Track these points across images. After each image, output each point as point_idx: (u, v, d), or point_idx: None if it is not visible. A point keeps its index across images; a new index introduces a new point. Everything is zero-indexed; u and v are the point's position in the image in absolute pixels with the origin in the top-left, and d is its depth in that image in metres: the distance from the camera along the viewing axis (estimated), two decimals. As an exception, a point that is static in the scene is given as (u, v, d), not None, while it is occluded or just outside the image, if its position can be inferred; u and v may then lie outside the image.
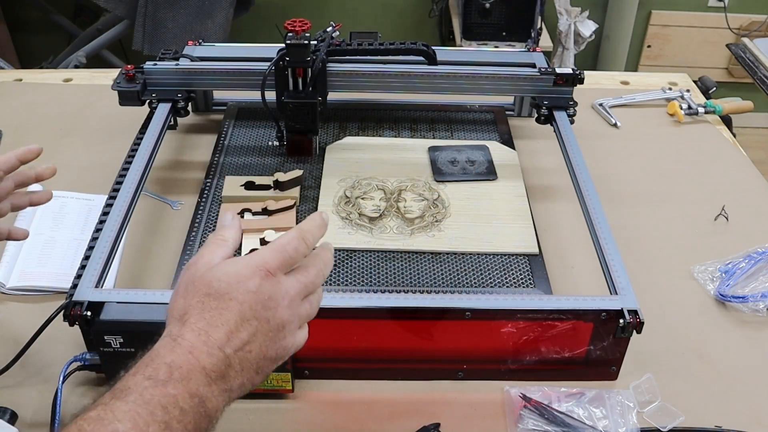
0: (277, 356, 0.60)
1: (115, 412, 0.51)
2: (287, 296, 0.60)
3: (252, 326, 0.57)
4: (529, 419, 0.81)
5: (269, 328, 0.58)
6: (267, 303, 0.58)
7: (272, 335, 0.59)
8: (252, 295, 0.58)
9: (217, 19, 2.23)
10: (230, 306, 0.57)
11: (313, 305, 0.64)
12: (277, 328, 0.59)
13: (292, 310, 0.60)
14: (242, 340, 0.57)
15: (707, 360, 0.91)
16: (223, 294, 0.57)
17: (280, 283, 0.60)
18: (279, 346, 0.60)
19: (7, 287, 0.97)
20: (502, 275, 0.97)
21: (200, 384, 0.54)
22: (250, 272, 0.59)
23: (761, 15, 2.84)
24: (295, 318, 0.61)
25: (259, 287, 0.58)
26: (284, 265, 0.61)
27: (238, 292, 0.58)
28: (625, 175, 1.24)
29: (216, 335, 0.56)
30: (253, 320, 0.58)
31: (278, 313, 0.59)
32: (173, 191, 1.16)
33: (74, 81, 1.49)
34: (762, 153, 2.99)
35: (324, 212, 0.67)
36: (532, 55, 1.30)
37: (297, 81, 1.13)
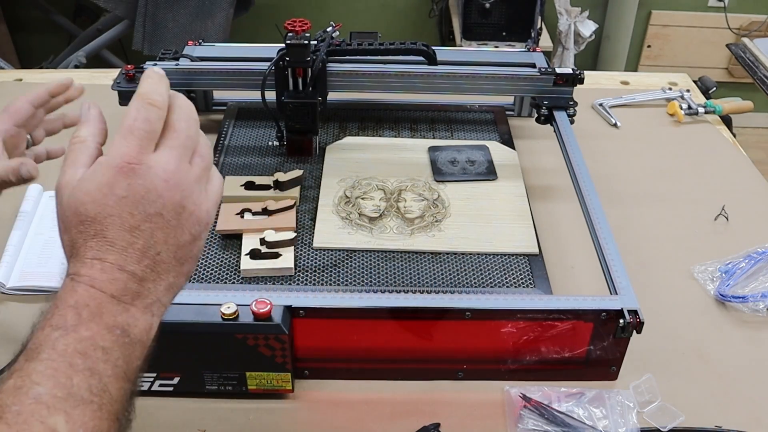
0: (194, 233, 0.53)
1: (32, 375, 0.46)
2: (168, 175, 0.51)
3: (145, 230, 0.50)
4: (529, 419, 0.81)
5: (165, 220, 0.51)
6: (147, 197, 0.50)
7: (175, 222, 0.52)
8: (126, 200, 0.50)
9: (217, 19, 2.23)
10: (110, 222, 0.50)
11: (204, 157, 0.55)
12: (176, 212, 0.52)
13: (181, 182, 0.52)
14: (140, 249, 0.50)
15: (707, 360, 0.91)
16: (95, 216, 0.50)
17: (152, 168, 0.51)
18: (192, 223, 0.53)
19: (7, 287, 0.97)
20: (502, 275, 0.97)
21: (115, 314, 0.49)
22: (111, 177, 0.50)
23: (761, 15, 2.84)
24: (191, 185, 0.53)
25: (129, 187, 0.50)
26: (144, 146, 0.51)
27: (109, 206, 0.50)
28: (625, 175, 1.24)
29: (111, 258, 0.49)
30: (143, 224, 0.50)
31: (167, 200, 0.51)
32: (173, 191, 1.15)
33: (74, 81, 1.48)
34: (762, 153, 2.99)
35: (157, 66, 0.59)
36: (532, 55, 1.30)
37: (297, 81, 1.13)
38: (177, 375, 0.82)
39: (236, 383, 0.83)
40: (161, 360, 0.80)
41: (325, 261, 0.99)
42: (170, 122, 0.53)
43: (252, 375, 0.82)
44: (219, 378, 0.82)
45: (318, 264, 0.98)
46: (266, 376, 0.82)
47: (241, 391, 0.83)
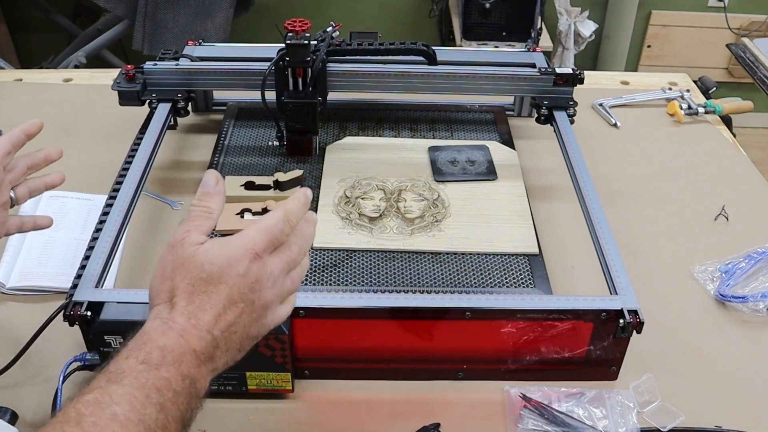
0: (259, 334, 0.62)
1: (112, 395, 0.53)
2: (272, 277, 0.61)
3: (238, 308, 0.59)
4: (529, 419, 0.81)
5: (253, 309, 0.60)
6: (253, 286, 0.60)
7: (256, 316, 0.61)
8: (240, 278, 0.59)
9: (217, 19, 2.23)
10: (220, 290, 0.59)
11: (294, 281, 0.64)
12: (261, 308, 0.61)
13: (275, 289, 0.62)
14: (228, 322, 0.59)
15: (707, 360, 0.91)
16: (214, 278, 0.59)
17: (266, 265, 0.61)
18: (261, 324, 0.62)
19: (7, 287, 0.97)
20: (502, 275, 0.97)
21: (191, 366, 0.56)
22: (240, 255, 0.60)
23: (761, 15, 2.84)
24: (278, 297, 0.62)
25: (248, 270, 0.60)
26: (269, 247, 0.61)
27: (228, 276, 0.59)
28: (625, 175, 1.24)
29: (205, 318, 0.58)
30: (240, 302, 0.59)
31: (263, 295, 0.61)
32: (173, 191, 1.16)
33: (74, 81, 1.49)
34: (762, 153, 2.99)
35: (308, 188, 0.67)
36: (532, 55, 1.30)
37: (297, 81, 1.13)
38: (177, 375, 0.82)
39: (236, 383, 0.83)
40: (161, 360, 0.80)
41: (325, 261, 0.99)
42: (290, 240, 0.64)
43: (252, 375, 0.82)
44: (219, 378, 0.81)
45: (318, 264, 0.98)
46: (266, 376, 0.82)
47: (241, 391, 0.83)
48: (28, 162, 0.85)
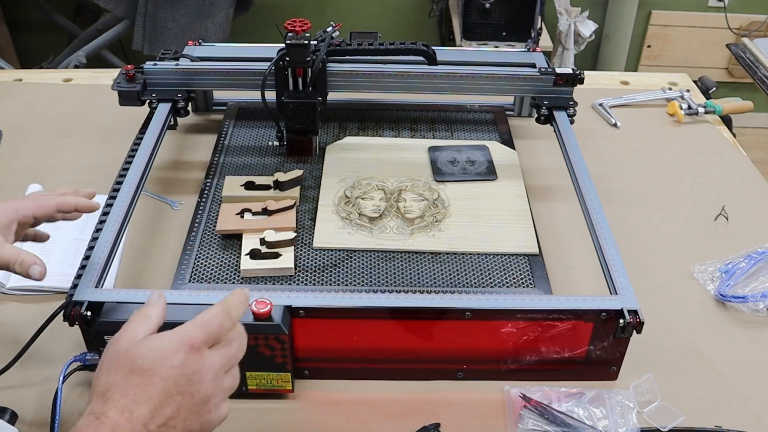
0: (201, 430, 0.60)
1: None
2: (211, 371, 0.60)
3: (176, 402, 0.57)
4: (529, 419, 0.81)
5: (193, 402, 0.59)
6: (191, 378, 0.59)
7: (197, 409, 0.59)
8: (176, 370, 0.58)
9: (217, 19, 2.22)
10: (154, 382, 0.57)
11: (235, 379, 0.64)
12: (202, 402, 0.59)
13: (216, 384, 0.61)
14: (166, 416, 0.57)
15: (707, 360, 0.91)
16: (147, 370, 0.57)
17: (204, 358, 0.60)
18: (203, 420, 0.60)
19: (7, 287, 0.97)
20: (502, 275, 0.97)
21: None
22: (175, 347, 0.59)
23: (761, 15, 2.84)
24: (219, 392, 0.61)
25: (184, 362, 0.59)
26: (208, 340, 0.61)
27: (162, 367, 0.58)
28: (625, 175, 1.24)
29: (140, 412, 0.56)
30: (178, 395, 0.58)
31: (203, 388, 0.59)
32: (173, 191, 1.16)
33: (74, 81, 1.49)
34: (762, 153, 2.99)
35: (247, 288, 0.68)
36: (532, 55, 1.30)
37: (297, 81, 1.13)
38: (177, 375, 0.82)
39: (236, 383, 0.83)
40: (161, 360, 0.80)
41: (325, 261, 0.99)
42: (229, 338, 0.64)
43: (252, 375, 0.82)
44: (219, 378, 0.82)
45: (318, 264, 0.98)
46: (266, 376, 0.82)
47: (241, 391, 0.83)
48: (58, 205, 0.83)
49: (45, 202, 0.81)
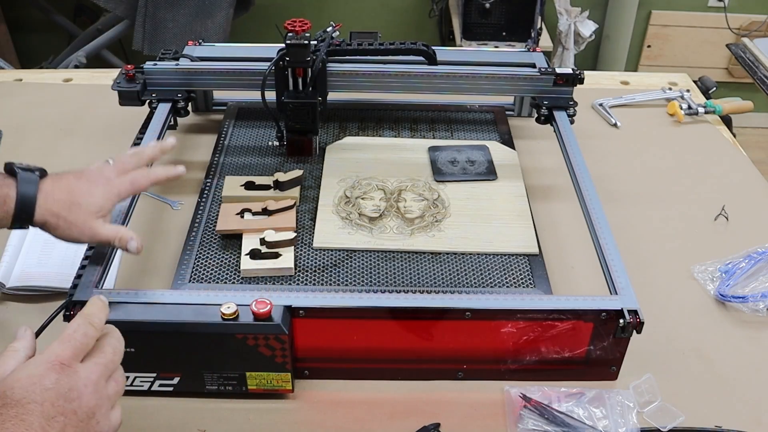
0: None
1: None
2: (89, 383, 0.59)
3: (59, 422, 0.55)
4: (529, 419, 0.81)
5: (78, 419, 0.57)
6: (69, 395, 0.57)
7: (83, 425, 0.57)
8: (51, 392, 0.56)
9: (217, 19, 2.22)
10: (30, 409, 0.55)
11: (119, 383, 0.63)
12: (87, 416, 0.58)
13: (99, 394, 0.59)
14: None
15: (707, 360, 0.91)
16: (19, 400, 0.55)
17: (78, 372, 0.59)
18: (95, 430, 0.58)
19: (7, 287, 0.97)
20: (502, 275, 0.97)
21: None
22: (43, 370, 0.57)
23: (761, 15, 2.84)
24: (104, 401, 0.60)
25: (57, 382, 0.57)
26: (77, 354, 0.60)
27: (35, 393, 0.56)
28: (625, 175, 1.24)
29: None
30: (59, 416, 0.56)
31: (84, 402, 0.58)
32: (173, 191, 1.16)
33: (74, 81, 1.49)
34: (762, 153, 2.99)
35: (102, 295, 0.68)
36: (532, 55, 1.30)
37: (297, 81, 1.13)
38: (177, 375, 0.82)
39: (236, 383, 0.83)
40: (161, 360, 0.80)
41: (325, 261, 0.99)
42: (101, 344, 0.63)
43: (252, 375, 0.82)
44: (219, 378, 0.82)
45: (318, 264, 0.98)
46: (266, 376, 0.82)
47: (241, 391, 0.83)
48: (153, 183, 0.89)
49: (140, 184, 0.86)
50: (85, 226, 0.79)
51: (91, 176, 0.83)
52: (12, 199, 0.77)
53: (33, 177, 0.79)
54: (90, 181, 0.82)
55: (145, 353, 0.79)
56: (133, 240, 0.82)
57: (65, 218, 0.78)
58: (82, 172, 0.84)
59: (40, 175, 0.80)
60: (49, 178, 0.81)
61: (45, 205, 0.78)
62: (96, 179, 0.83)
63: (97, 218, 0.80)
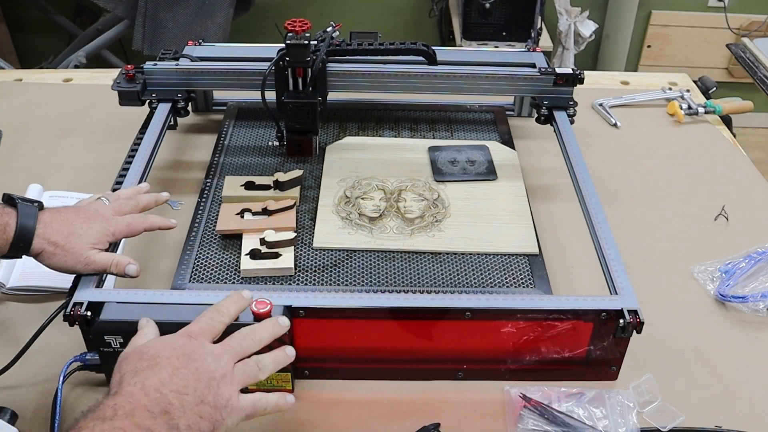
0: (217, 404, 0.64)
1: None
2: (212, 353, 0.67)
3: (183, 375, 0.63)
4: (529, 419, 0.81)
5: (199, 376, 0.64)
6: (192, 355, 0.65)
7: (205, 383, 0.64)
8: (178, 350, 0.65)
9: (217, 19, 2.22)
10: (160, 362, 0.64)
11: (249, 371, 0.69)
12: (209, 377, 0.65)
13: (221, 363, 0.66)
14: (177, 385, 0.62)
15: (707, 360, 0.91)
16: (153, 356, 0.64)
17: (204, 345, 0.67)
18: (217, 393, 0.64)
19: (7, 287, 0.97)
20: (502, 275, 0.97)
21: (145, 418, 0.59)
22: (173, 337, 0.67)
23: (761, 15, 2.84)
24: (228, 374, 0.66)
25: (184, 345, 0.66)
26: (204, 331, 0.69)
27: (165, 350, 0.65)
28: (625, 175, 1.24)
29: (150, 382, 0.62)
30: (183, 369, 0.64)
31: (205, 364, 0.65)
32: (173, 191, 1.15)
33: (74, 81, 1.49)
34: (762, 153, 2.99)
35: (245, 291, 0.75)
36: (532, 55, 1.30)
37: (297, 81, 1.13)
38: (177, 375, 0.82)
39: (236, 383, 0.82)
40: (161, 360, 0.80)
41: (325, 261, 0.99)
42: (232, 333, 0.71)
43: (252, 375, 0.82)
44: (219, 378, 0.82)
45: (318, 264, 0.98)
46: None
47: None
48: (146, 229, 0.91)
49: (136, 228, 0.89)
50: (81, 255, 0.82)
51: (89, 212, 0.86)
52: (12, 227, 0.80)
53: (32, 207, 0.82)
54: (88, 217, 0.85)
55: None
56: (131, 264, 0.85)
57: (63, 247, 0.81)
58: (79, 208, 0.87)
59: (39, 207, 0.83)
60: (48, 211, 0.84)
61: (43, 235, 0.81)
62: (93, 216, 0.86)
63: (92, 249, 0.83)
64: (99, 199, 0.90)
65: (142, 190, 0.95)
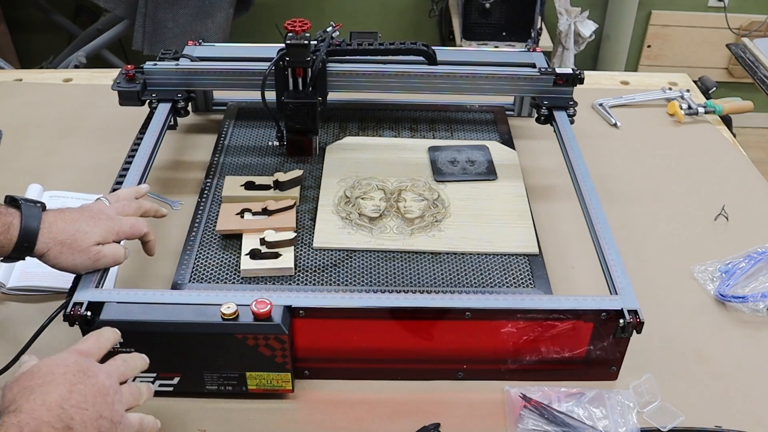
0: (114, 419, 0.65)
1: None
2: (103, 370, 0.68)
3: (81, 390, 0.64)
4: (529, 419, 0.81)
5: (96, 391, 0.65)
6: (87, 372, 0.66)
7: (101, 398, 0.65)
8: (71, 366, 0.65)
9: (217, 19, 2.22)
10: (56, 379, 0.64)
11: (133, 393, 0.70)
12: (103, 392, 0.65)
13: (112, 381, 0.67)
14: (77, 400, 0.63)
15: (707, 360, 0.91)
16: (46, 373, 0.64)
17: (94, 363, 0.68)
18: (113, 409, 0.65)
19: (7, 287, 0.97)
20: (502, 275, 0.97)
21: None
22: (64, 355, 0.67)
23: (761, 15, 2.84)
24: (118, 392, 0.67)
25: (77, 361, 0.66)
26: (91, 351, 0.70)
27: (58, 367, 0.65)
28: (625, 175, 1.24)
29: (51, 398, 0.62)
30: (80, 385, 0.64)
31: (99, 380, 0.66)
32: (173, 191, 1.16)
33: (74, 81, 1.49)
34: (762, 153, 2.99)
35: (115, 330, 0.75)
36: (532, 55, 1.30)
37: (297, 81, 1.13)
38: (177, 375, 0.82)
39: (236, 383, 0.83)
40: (161, 360, 0.80)
41: (325, 261, 0.99)
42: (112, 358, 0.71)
43: (252, 375, 0.82)
44: (219, 378, 0.82)
45: (318, 264, 0.98)
46: (266, 376, 0.82)
47: (241, 391, 0.83)
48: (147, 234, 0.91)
49: (139, 230, 0.89)
50: (90, 251, 0.82)
51: (93, 211, 0.86)
52: (15, 227, 0.80)
53: (36, 208, 0.82)
54: (92, 215, 0.85)
55: (145, 353, 0.79)
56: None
57: (70, 245, 0.81)
58: (82, 207, 0.88)
59: (42, 208, 0.83)
60: (51, 212, 0.84)
61: (49, 235, 0.81)
62: (98, 214, 0.86)
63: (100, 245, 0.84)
64: (99, 200, 0.90)
65: (142, 191, 0.95)
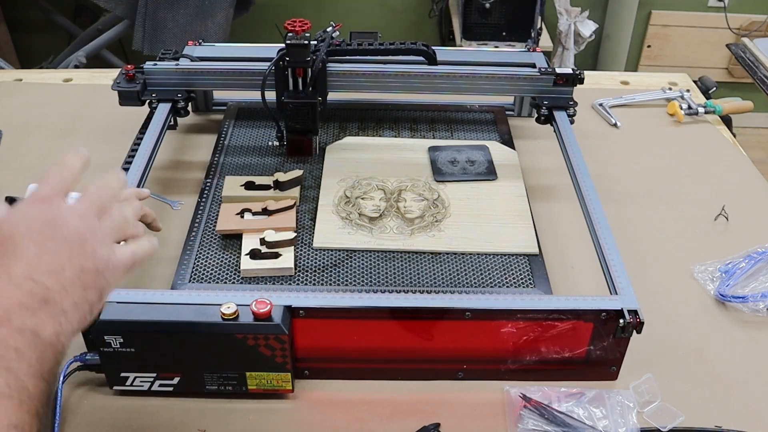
0: (98, 267, 0.59)
1: None
2: (74, 212, 0.60)
3: (51, 248, 0.56)
4: (529, 419, 0.81)
5: (71, 244, 0.57)
6: (54, 222, 0.58)
7: (78, 249, 0.58)
8: (35, 221, 0.57)
9: (217, 19, 2.23)
10: (19, 242, 0.56)
11: (114, 219, 0.63)
12: (80, 240, 0.58)
13: (87, 222, 0.60)
14: (48, 264, 0.55)
15: (707, 360, 0.91)
16: (7, 237, 0.56)
17: (60, 204, 0.60)
18: (95, 255, 0.58)
19: (7, 287, 0.96)
20: (502, 275, 0.97)
21: (24, 317, 0.52)
22: (24, 206, 0.59)
23: (761, 15, 2.84)
24: (96, 231, 0.60)
25: (39, 213, 0.58)
26: (55, 191, 0.61)
27: (18, 226, 0.57)
28: (625, 175, 1.24)
29: (16, 270, 0.54)
30: (48, 242, 0.56)
31: (71, 228, 0.58)
32: (173, 191, 1.16)
33: (74, 81, 1.49)
34: (762, 153, 2.99)
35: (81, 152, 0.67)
36: (532, 55, 1.30)
37: (297, 81, 1.13)
38: (177, 375, 0.82)
39: (236, 383, 0.83)
40: (161, 360, 0.80)
41: (325, 261, 0.99)
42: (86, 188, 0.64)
43: (252, 375, 0.82)
44: (219, 378, 0.82)
45: (318, 264, 0.98)
46: (266, 376, 0.82)
47: (241, 391, 0.83)
48: None
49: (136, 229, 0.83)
50: None
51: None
52: None
53: None
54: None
55: (145, 353, 0.79)
56: None
57: None
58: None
59: None
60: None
61: None
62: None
63: None
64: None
65: (143, 195, 0.94)
